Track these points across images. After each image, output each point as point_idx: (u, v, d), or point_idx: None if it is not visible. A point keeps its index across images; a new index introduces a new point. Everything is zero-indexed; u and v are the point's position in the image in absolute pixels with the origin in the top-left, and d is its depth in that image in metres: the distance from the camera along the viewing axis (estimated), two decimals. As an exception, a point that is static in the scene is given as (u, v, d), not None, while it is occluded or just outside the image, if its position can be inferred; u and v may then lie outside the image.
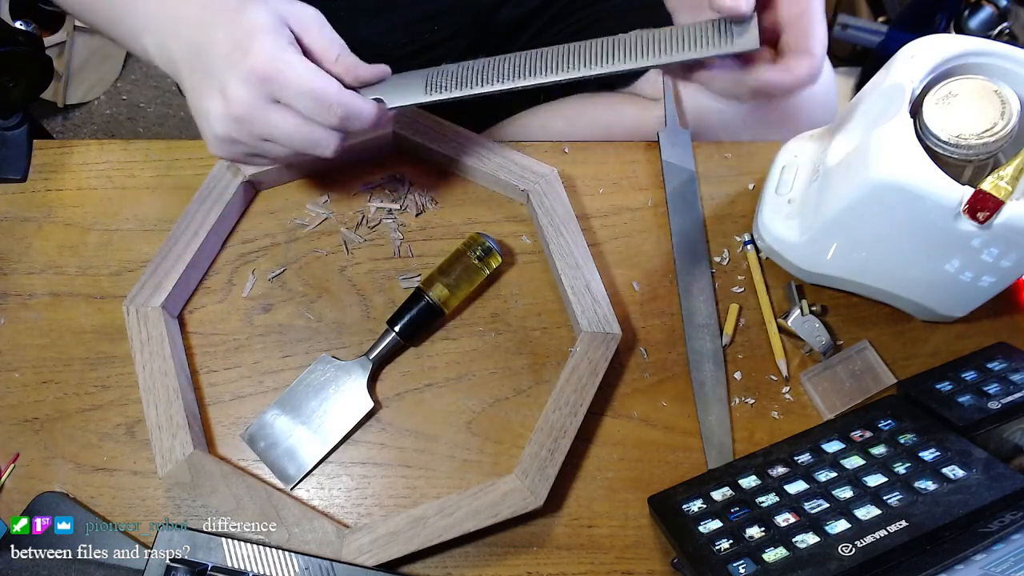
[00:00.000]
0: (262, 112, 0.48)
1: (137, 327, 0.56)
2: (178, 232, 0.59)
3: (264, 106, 0.48)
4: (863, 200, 0.50)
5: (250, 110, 0.48)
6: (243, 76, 0.47)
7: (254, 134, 0.49)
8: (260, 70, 0.46)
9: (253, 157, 0.53)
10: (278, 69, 0.47)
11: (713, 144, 0.68)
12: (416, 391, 0.59)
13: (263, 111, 0.48)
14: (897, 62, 0.51)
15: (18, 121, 0.65)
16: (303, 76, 0.47)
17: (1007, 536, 0.45)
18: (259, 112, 0.48)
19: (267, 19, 0.48)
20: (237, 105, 0.47)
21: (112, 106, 1.59)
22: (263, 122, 0.48)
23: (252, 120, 0.48)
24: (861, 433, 0.55)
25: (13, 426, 0.57)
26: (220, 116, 0.48)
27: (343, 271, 0.62)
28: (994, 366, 0.57)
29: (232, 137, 0.50)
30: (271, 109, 0.48)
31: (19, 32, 0.62)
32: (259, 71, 0.46)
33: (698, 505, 0.52)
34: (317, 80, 0.48)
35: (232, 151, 0.51)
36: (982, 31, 1.27)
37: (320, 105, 0.48)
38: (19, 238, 0.63)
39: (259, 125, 0.49)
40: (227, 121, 0.48)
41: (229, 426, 0.57)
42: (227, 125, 0.49)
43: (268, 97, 0.48)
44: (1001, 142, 0.46)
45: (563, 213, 0.61)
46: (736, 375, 0.60)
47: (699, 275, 0.62)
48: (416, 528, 0.51)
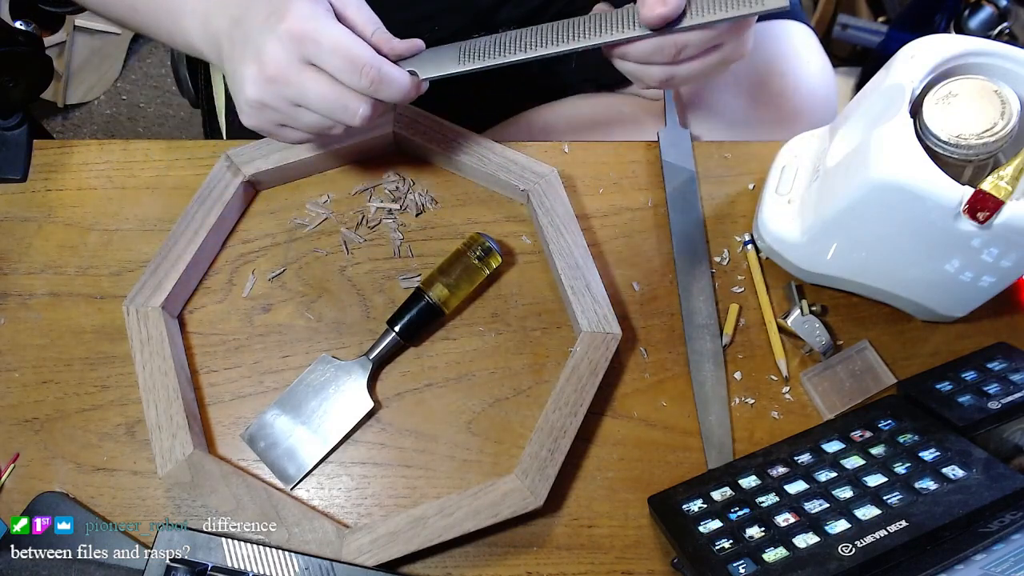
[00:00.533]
0: (295, 73, 0.48)
1: (137, 327, 0.56)
2: (178, 232, 0.59)
3: (298, 67, 0.48)
4: (863, 200, 0.50)
5: (283, 70, 0.48)
6: (278, 36, 0.47)
7: (286, 97, 0.50)
8: (295, 30, 0.47)
9: (283, 128, 0.53)
10: (313, 28, 0.47)
11: (713, 144, 0.68)
12: (416, 391, 0.59)
13: (296, 72, 0.48)
14: (897, 62, 0.51)
15: (18, 121, 0.65)
16: (337, 37, 0.48)
17: (1007, 536, 0.45)
18: (292, 73, 0.48)
19: None
20: (271, 65, 0.48)
21: (112, 106, 1.59)
22: (296, 84, 0.49)
23: (285, 81, 0.49)
24: (861, 433, 0.55)
25: (13, 426, 0.57)
26: (254, 79, 0.49)
27: (343, 271, 0.62)
28: (994, 366, 0.57)
29: (264, 101, 0.50)
30: (304, 71, 0.49)
31: (19, 32, 0.62)
32: (294, 31, 0.47)
33: (698, 505, 0.52)
34: (350, 42, 0.48)
35: (262, 119, 0.52)
36: (982, 31, 1.27)
37: (352, 66, 0.48)
38: (19, 238, 0.63)
39: (292, 87, 0.49)
40: (260, 83, 0.49)
41: (229, 426, 0.57)
42: (260, 88, 0.49)
43: (302, 58, 0.48)
44: (1001, 142, 0.46)
45: (563, 213, 0.61)
46: (736, 375, 0.60)
47: (699, 275, 0.62)
48: (416, 528, 0.51)
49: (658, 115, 0.72)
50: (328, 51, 0.48)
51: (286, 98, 0.50)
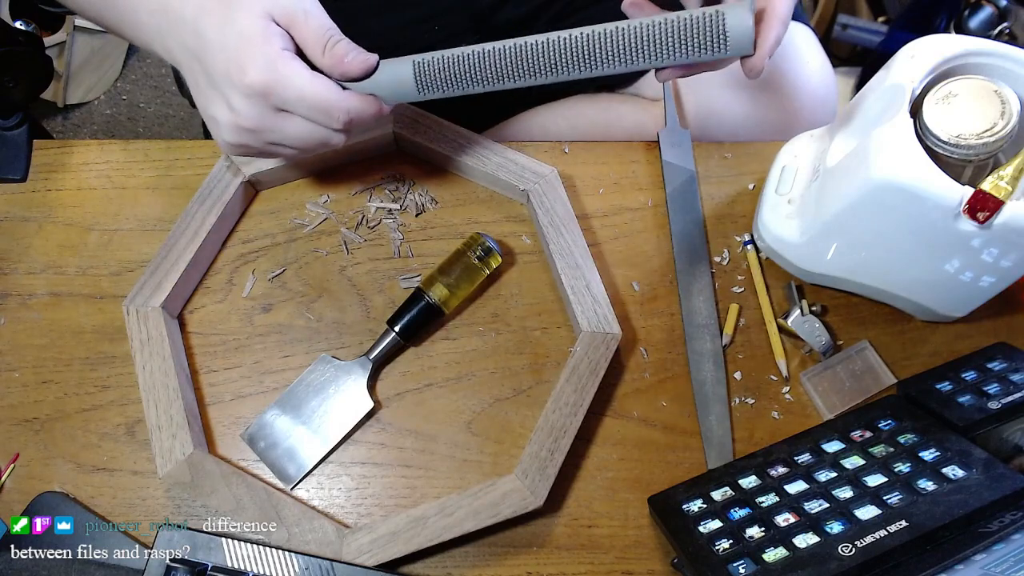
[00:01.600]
0: (270, 122, 0.49)
1: (137, 327, 0.56)
2: (178, 232, 0.59)
3: (272, 116, 0.49)
4: (863, 200, 0.50)
5: (258, 122, 0.49)
6: (245, 93, 0.47)
7: (265, 140, 0.51)
8: (257, 84, 0.47)
9: (264, 155, 0.54)
10: (276, 81, 0.47)
11: (713, 144, 0.68)
12: (416, 391, 0.59)
13: (271, 120, 0.49)
14: (897, 62, 0.51)
15: (18, 121, 0.65)
16: (302, 87, 0.48)
17: (1007, 536, 0.45)
18: (267, 122, 0.49)
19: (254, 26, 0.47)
20: (246, 119, 0.49)
21: (112, 106, 1.59)
22: (272, 130, 0.50)
23: (262, 130, 0.49)
24: (861, 433, 0.55)
25: (13, 426, 0.57)
26: (229, 126, 0.49)
27: (343, 271, 0.62)
28: (994, 366, 0.57)
29: (243, 143, 0.51)
30: (279, 117, 0.49)
31: (19, 32, 0.62)
32: (256, 86, 0.47)
33: (698, 505, 0.52)
34: (316, 88, 0.48)
35: (243, 152, 0.53)
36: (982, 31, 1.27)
37: (323, 112, 0.49)
38: (19, 238, 0.63)
39: (269, 133, 0.50)
40: (237, 131, 0.50)
41: (229, 426, 0.57)
42: (238, 135, 0.50)
43: (273, 108, 0.49)
44: (1001, 142, 0.46)
45: (563, 213, 0.60)
46: (736, 375, 0.60)
47: (699, 275, 0.62)
48: (416, 528, 0.51)
49: (658, 115, 0.72)
50: (295, 100, 0.48)
51: (264, 140, 0.51)
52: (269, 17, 0.48)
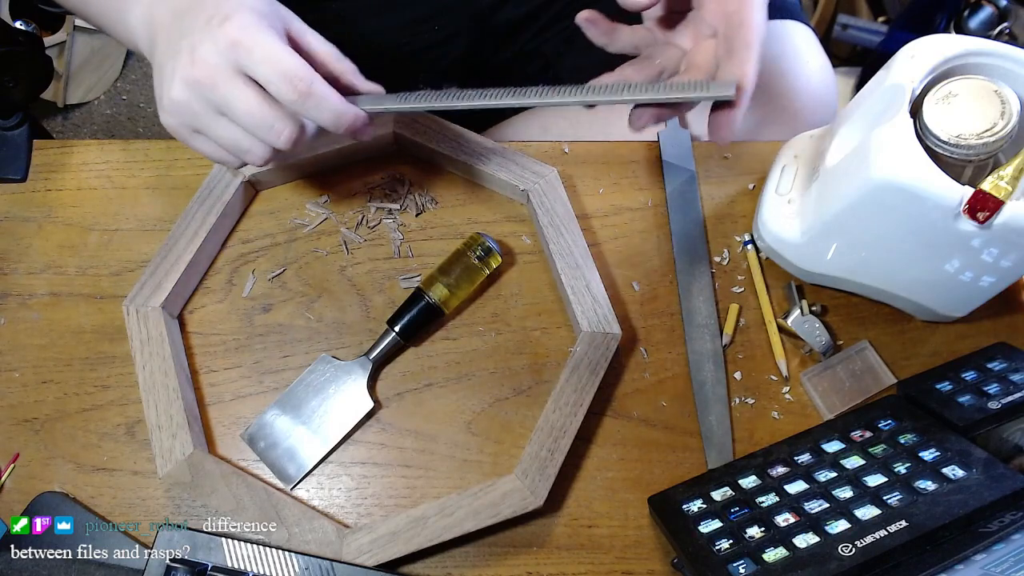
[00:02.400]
0: (224, 80, 0.46)
1: (137, 327, 0.56)
2: (178, 232, 0.59)
3: (228, 74, 0.47)
4: (863, 200, 0.50)
5: (212, 74, 0.46)
6: (214, 39, 0.46)
7: (210, 102, 0.48)
8: (232, 35, 0.46)
9: (197, 136, 0.51)
10: (250, 37, 0.46)
11: (713, 144, 0.68)
12: (416, 391, 0.59)
13: (225, 79, 0.46)
14: (897, 62, 0.51)
15: (18, 121, 0.65)
16: (271, 48, 0.46)
17: (1007, 536, 0.45)
18: (221, 79, 0.46)
19: (263, 4, 0.47)
20: (201, 67, 0.46)
21: (112, 106, 1.59)
22: (223, 90, 0.47)
23: (212, 85, 0.47)
24: (861, 433, 0.55)
25: (13, 426, 0.57)
26: (182, 76, 0.47)
27: (343, 271, 0.62)
28: (994, 366, 0.57)
29: (186, 102, 0.48)
30: (234, 78, 0.47)
31: (19, 32, 0.62)
32: (231, 36, 0.46)
33: (698, 505, 0.52)
34: (285, 55, 0.46)
35: (181, 120, 0.50)
36: (982, 31, 1.27)
37: (283, 77, 0.46)
38: (19, 238, 0.63)
39: (218, 93, 0.47)
40: (187, 83, 0.47)
41: (229, 426, 0.57)
42: (186, 88, 0.47)
43: (234, 66, 0.46)
44: (1001, 142, 0.46)
45: (563, 213, 0.60)
46: (736, 375, 0.60)
47: (699, 275, 0.62)
48: (416, 528, 0.51)
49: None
50: (259, 60, 0.46)
51: (210, 103, 0.48)
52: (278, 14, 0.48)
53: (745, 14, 0.51)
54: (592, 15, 0.54)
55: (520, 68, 0.85)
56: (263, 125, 0.48)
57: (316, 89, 0.47)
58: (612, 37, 0.55)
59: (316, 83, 0.47)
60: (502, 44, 0.82)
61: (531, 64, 0.83)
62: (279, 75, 0.46)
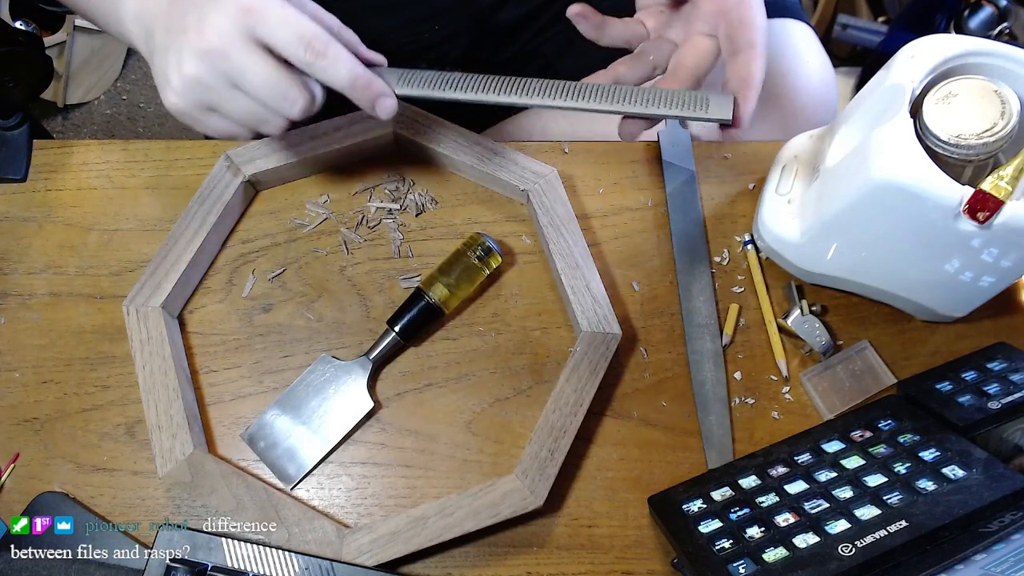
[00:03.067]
0: (238, 48, 0.45)
1: (137, 327, 0.56)
2: (178, 232, 0.59)
3: (242, 41, 0.45)
4: (863, 200, 0.50)
5: (226, 42, 0.45)
6: (224, 8, 0.45)
7: (224, 73, 0.46)
8: (243, 3, 0.44)
9: (210, 114, 0.50)
10: (266, 6, 0.45)
11: (713, 144, 0.68)
12: (416, 391, 0.59)
13: (239, 46, 0.45)
14: (897, 62, 0.51)
15: (18, 121, 0.65)
16: (287, 11, 0.45)
17: (1007, 536, 0.45)
18: (235, 47, 0.45)
19: None
20: (213, 36, 0.45)
21: (112, 106, 1.59)
22: (238, 60, 0.45)
23: (225, 55, 0.45)
24: (861, 433, 0.55)
25: (13, 426, 0.57)
26: (192, 50, 0.45)
27: (343, 271, 0.62)
28: (994, 366, 0.57)
29: (199, 77, 0.46)
30: (248, 46, 0.45)
31: (19, 32, 0.62)
32: (242, 3, 0.44)
33: (698, 505, 0.52)
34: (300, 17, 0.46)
35: (192, 98, 0.48)
36: (982, 31, 1.27)
37: (300, 38, 0.45)
38: (19, 238, 0.63)
39: (232, 63, 0.46)
40: (198, 56, 0.45)
41: (229, 426, 0.57)
42: (198, 61, 0.46)
43: (247, 32, 0.45)
44: (1001, 142, 0.46)
45: (563, 213, 0.60)
46: (736, 375, 0.60)
47: (699, 275, 0.62)
48: (416, 528, 0.51)
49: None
50: (275, 22, 0.45)
51: (225, 75, 0.46)
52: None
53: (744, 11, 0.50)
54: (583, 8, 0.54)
55: (520, 68, 0.85)
56: (278, 94, 0.47)
57: (332, 50, 0.46)
58: (603, 31, 0.56)
59: (332, 44, 0.47)
60: (502, 44, 0.82)
61: (531, 64, 0.83)
62: (296, 36, 0.45)
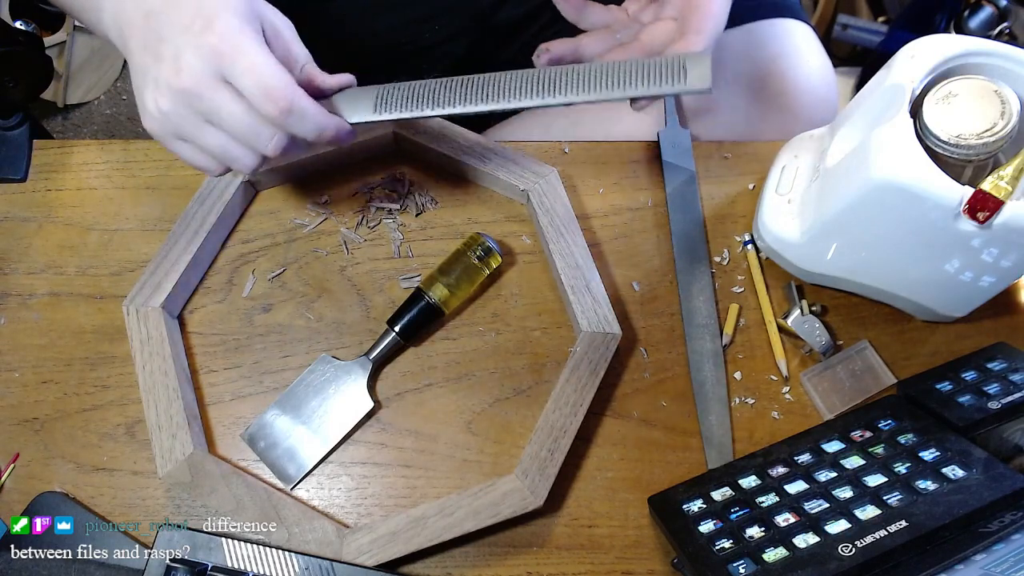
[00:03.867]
0: (210, 89, 0.46)
1: (137, 327, 0.56)
2: (178, 232, 0.59)
3: (213, 83, 0.46)
4: (863, 200, 0.50)
5: (198, 83, 0.46)
6: (198, 46, 0.45)
7: (197, 110, 0.47)
8: (216, 45, 0.45)
9: (181, 143, 0.50)
10: (234, 47, 0.45)
11: (713, 144, 0.68)
12: (416, 391, 0.59)
13: (211, 88, 0.46)
14: (897, 62, 0.51)
15: (18, 121, 0.65)
16: (254, 59, 0.45)
17: (1007, 536, 0.45)
18: (207, 88, 0.46)
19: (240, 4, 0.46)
20: (186, 76, 0.45)
21: (112, 106, 1.59)
22: (209, 99, 0.46)
23: (199, 95, 0.46)
24: (861, 433, 0.55)
25: (13, 426, 0.57)
26: (167, 86, 0.46)
27: (343, 271, 0.62)
28: (994, 366, 0.57)
29: (172, 111, 0.47)
30: (220, 88, 0.46)
31: (19, 32, 0.62)
32: (215, 46, 0.45)
33: (698, 505, 0.52)
34: (268, 68, 0.46)
35: (167, 127, 0.49)
36: (982, 31, 1.27)
37: (264, 92, 0.46)
38: (19, 238, 0.63)
39: (204, 102, 0.46)
40: (173, 93, 0.46)
41: (229, 426, 0.57)
42: (172, 97, 0.46)
43: (218, 75, 0.46)
44: (1001, 142, 0.46)
45: (563, 213, 0.60)
46: (736, 375, 0.60)
47: (699, 275, 0.62)
48: (416, 528, 0.51)
49: (658, 115, 0.72)
50: (241, 72, 0.45)
51: (197, 112, 0.47)
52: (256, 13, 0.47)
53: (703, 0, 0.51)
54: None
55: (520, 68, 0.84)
56: (250, 132, 0.47)
57: (296, 105, 0.47)
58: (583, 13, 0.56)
59: (297, 98, 0.47)
60: (502, 44, 0.82)
61: (531, 64, 0.83)
62: (260, 90, 0.45)
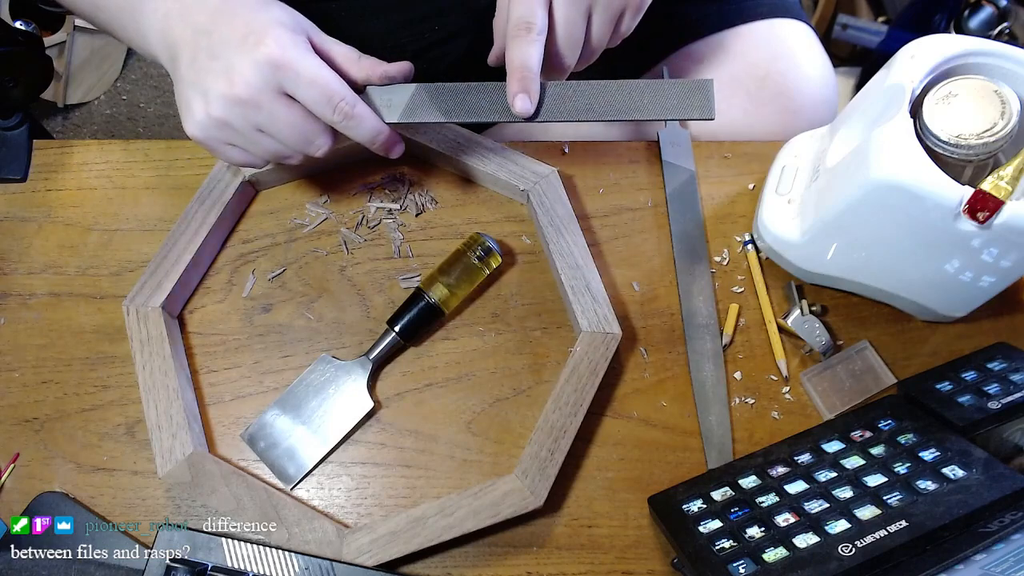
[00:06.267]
0: (269, 99, 0.48)
1: (137, 327, 0.56)
2: (178, 232, 0.59)
3: (271, 94, 0.48)
4: (863, 200, 0.50)
5: (256, 94, 0.48)
6: (255, 60, 0.47)
7: (252, 121, 0.49)
8: (274, 56, 0.47)
9: (231, 148, 0.52)
10: (293, 58, 0.47)
11: (713, 144, 0.68)
12: (416, 391, 0.59)
13: (270, 98, 0.48)
14: (897, 62, 0.51)
15: (18, 121, 0.65)
16: (315, 69, 0.48)
17: (1007, 536, 0.45)
18: (265, 99, 0.48)
19: (287, 17, 0.49)
20: (244, 88, 0.47)
21: (112, 106, 1.59)
22: (267, 111, 0.48)
23: (256, 105, 0.48)
24: (861, 433, 0.55)
25: (13, 426, 0.57)
26: (222, 96, 0.48)
27: (343, 271, 0.62)
28: (994, 366, 0.57)
29: (227, 120, 0.49)
30: (278, 99, 0.48)
31: (19, 32, 0.62)
32: (272, 57, 0.47)
33: (698, 505, 0.52)
34: (328, 75, 0.49)
35: (217, 136, 0.51)
36: (982, 31, 1.27)
37: (327, 99, 0.49)
38: (19, 238, 0.63)
39: (262, 113, 0.49)
40: (228, 103, 0.48)
41: (229, 426, 0.57)
42: (227, 107, 0.48)
43: (276, 86, 0.48)
44: (1001, 142, 0.46)
45: (563, 213, 0.60)
46: (736, 375, 0.60)
47: (699, 275, 0.62)
48: (416, 528, 0.51)
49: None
50: (306, 82, 0.48)
51: (252, 123, 0.49)
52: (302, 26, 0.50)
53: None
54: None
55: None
56: (303, 140, 0.51)
57: (358, 111, 0.50)
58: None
59: (357, 104, 0.50)
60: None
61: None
62: (324, 97, 0.49)
